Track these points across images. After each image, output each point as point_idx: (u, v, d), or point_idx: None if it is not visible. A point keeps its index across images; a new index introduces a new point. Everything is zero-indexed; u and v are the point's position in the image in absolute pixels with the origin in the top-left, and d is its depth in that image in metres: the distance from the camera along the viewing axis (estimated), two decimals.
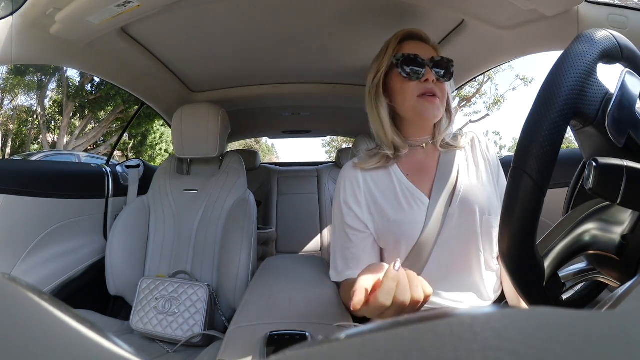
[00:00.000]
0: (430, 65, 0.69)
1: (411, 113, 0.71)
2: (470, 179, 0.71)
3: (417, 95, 0.70)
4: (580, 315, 0.10)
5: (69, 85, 9.92)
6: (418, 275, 0.60)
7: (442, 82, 0.70)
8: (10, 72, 9.34)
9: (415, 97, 0.70)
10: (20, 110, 10.50)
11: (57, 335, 0.11)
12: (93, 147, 10.87)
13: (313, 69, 1.36)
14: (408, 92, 0.70)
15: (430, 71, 0.69)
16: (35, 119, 10.50)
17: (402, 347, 0.09)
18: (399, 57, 0.70)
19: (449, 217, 0.67)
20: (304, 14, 0.95)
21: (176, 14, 0.90)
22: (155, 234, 1.21)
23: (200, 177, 1.28)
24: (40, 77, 9.90)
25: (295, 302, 0.67)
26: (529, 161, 0.32)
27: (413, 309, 0.45)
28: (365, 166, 0.73)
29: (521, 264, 0.34)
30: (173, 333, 0.97)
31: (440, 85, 0.70)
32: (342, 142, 14.42)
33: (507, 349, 0.08)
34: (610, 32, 0.35)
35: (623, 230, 0.36)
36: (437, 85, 0.70)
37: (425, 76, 0.69)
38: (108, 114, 10.29)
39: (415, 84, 0.70)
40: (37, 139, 10.67)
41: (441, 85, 0.70)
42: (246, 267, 1.05)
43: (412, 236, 0.66)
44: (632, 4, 0.71)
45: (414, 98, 0.70)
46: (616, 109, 0.33)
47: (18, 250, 0.98)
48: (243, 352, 0.51)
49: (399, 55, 0.71)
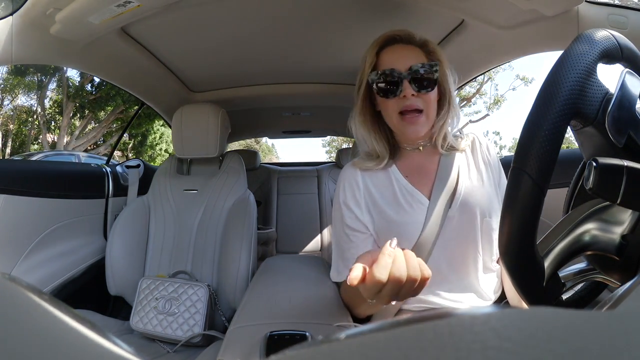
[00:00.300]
0: (408, 78, 0.64)
1: (395, 129, 0.70)
2: (471, 181, 0.71)
3: (398, 112, 0.67)
4: (580, 315, 0.10)
5: (69, 85, 9.92)
6: None
7: (425, 93, 0.66)
8: (10, 72, 9.35)
9: (396, 115, 0.67)
10: (20, 110, 10.50)
11: (57, 335, 0.11)
12: (93, 147, 10.87)
13: (313, 69, 1.36)
14: (389, 109, 0.68)
15: (408, 85, 0.64)
16: (35, 119, 10.50)
17: (402, 347, 0.09)
18: (373, 77, 0.67)
19: (448, 218, 0.67)
20: (303, 13, 0.95)
21: (176, 14, 0.90)
22: (155, 234, 1.21)
23: (200, 177, 1.28)
24: (40, 77, 9.90)
25: (295, 302, 0.67)
26: (529, 161, 0.32)
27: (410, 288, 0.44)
28: (364, 167, 0.73)
29: (521, 264, 0.34)
30: (173, 333, 0.97)
31: (424, 97, 0.66)
32: (342, 142, 14.42)
33: (507, 349, 0.08)
34: (610, 32, 0.35)
35: (623, 230, 0.36)
36: (419, 97, 0.65)
37: (402, 92, 0.65)
38: (108, 114, 10.29)
39: (395, 101, 0.66)
40: (37, 139, 10.67)
41: (425, 96, 0.66)
42: (246, 267, 1.05)
43: (412, 237, 0.66)
44: (632, 4, 0.71)
45: (395, 116, 0.67)
46: (616, 109, 0.33)
47: (18, 250, 0.98)
48: (243, 352, 0.51)
49: (373, 75, 0.67)
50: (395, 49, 0.69)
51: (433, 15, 0.93)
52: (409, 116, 0.66)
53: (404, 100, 0.65)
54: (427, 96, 0.66)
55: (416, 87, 0.65)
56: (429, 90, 0.66)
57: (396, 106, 0.66)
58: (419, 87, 0.65)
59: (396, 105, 0.66)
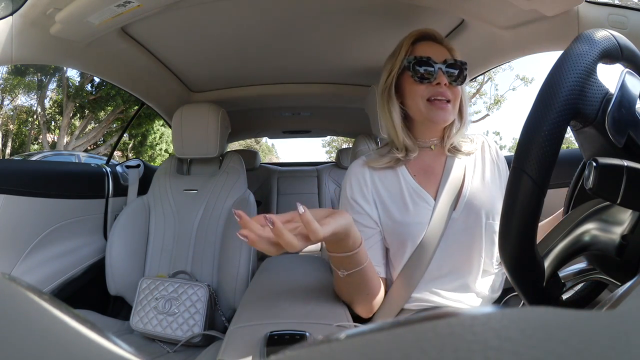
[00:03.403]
0: (442, 68, 0.68)
1: (421, 116, 0.71)
2: (477, 183, 0.71)
3: (426, 99, 0.68)
4: (580, 315, 0.10)
5: (69, 85, 9.92)
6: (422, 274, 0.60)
7: (455, 85, 0.69)
8: (10, 72, 9.34)
9: (424, 101, 0.69)
10: (20, 110, 10.50)
11: (57, 335, 0.11)
12: (93, 147, 10.87)
13: (313, 69, 1.36)
14: (418, 94, 0.69)
15: (442, 74, 0.67)
16: (35, 119, 10.50)
17: (402, 347, 0.09)
18: (410, 59, 0.69)
19: (453, 219, 0.67)
20: (303, 14, 0.95)
21: (176, 14, 0.90)
22: (155, 234, 1.21)
23: (200, 177, 1.28)
24: (40, 77, 9.90)
25: (295, 302, 0.67)
26: (529, 161, 0.32)
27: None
28: (376, 165, 0.73)
29: (521, 264, 0.34)
30: (173, 333, 0.97)
31: (453, 89, 0.68)
32: (342, 142, 14.42)
33: (507, 349, 0.08)
34: (610, 32, 0.35)
35: (623, 230, 0.36)
36: (449, 88, 0.68)
37: (436, 79, 0.67)
38: (108, 114, 10.29)
39: (426, 87, 0.68)
40: (37, 139, 10.67)
41: (453, 89, 0.69)
42: (246, 267, 1.05)
43: (417, 237, 0.66)
44: (632, 4, 0.71)
45: (424, 101, 0.69)
46: (616, 109, 0.33)
47: (18, 250, 0.98)
48: (243, 352, 0.51)
49: (411, 57, 0.69)
50: (430, 44, 0.72)
51: (433, 15, 0.93)
52: (437, 102, 0.68)
53: (437, 87, 0.68)
54: (456, 89, 0.69)
55: (449, 78, 0.68)
56: (459, 84, 0.69)
57: (426, 92, 0.68)
58: (451, 78, 0.68)
59: (426, 91, 0.68)
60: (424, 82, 0.68)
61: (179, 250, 1.18)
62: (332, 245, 0.56)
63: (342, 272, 0.60)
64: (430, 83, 0.68)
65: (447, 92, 0.68)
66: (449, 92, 0.68)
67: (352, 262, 0.58)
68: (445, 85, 0.68)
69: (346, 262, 0.58)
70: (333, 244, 0.56)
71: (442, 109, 0.68)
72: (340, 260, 0.58)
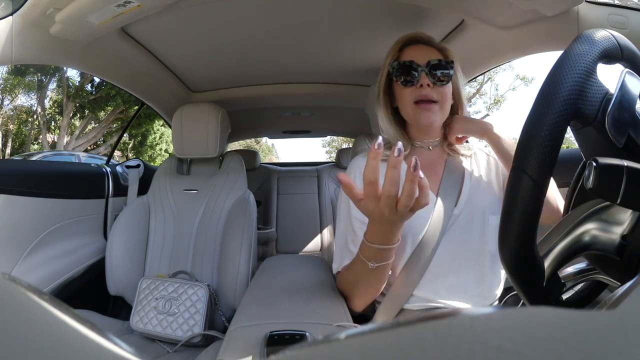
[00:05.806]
0: (425, 69, 0.69)
1: (410, 119, 0.73)
2: (478, 182, 0.72)
3: (413, 102, 0.70)
4: (580, 315, 0.10)
5: (69, 85, 9.92)
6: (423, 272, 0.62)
7: (440, 85, 0.69)
8: (10, 72, 9.34)
9: (411, 104, 0.70)
10: (20, 110, 10.50)
11: (57, 335, 0.11)
12: (93, 147, 10.87)
13: (313, 69, 1.36)
14: (405, 98, 0.71)
15: (425, 76, 0.68)
16: (35, 119, 10.50)
17: (402, 347, 0.09)
18: (394, 64, 0.71)
19: (454, 217, 0.68)
20: (303, 14, 0.95)
21: (176, 14, 0.90)
22: (155, 234, 1.21)
23: (200, 177, 1.28)
24: (40, 77, 9.90)
25: (295, 302, 0.67)
26: (529, 161, 0.32)
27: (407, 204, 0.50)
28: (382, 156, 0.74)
29: (521, 263, 0.34)
30: (173, 333, 0.97)
31: (439, 89, 0.69)
32: (342, 142, 14.42)
33: (507, 349, 0.08)
34: (610, 32, 0.35)
35: (623, 230, 0.36)
36: (434, 89, 0.69)
37: (419, 82, 0.69)
38: (108, 114, 10.29)
39: (411, 90, 0.70)
40: (37, 139, 10.67)
41: (440, 89, 0.70)
42: (246, 267, 1.05)
43: (417, 232, 0.67)
44: (632, 4, 0.71)
45: (411, 105, 0.70)
46: (616, 109, 0.33)
47: (18, 250, 0.98)
48: (243, 352, 0.51)
49: (395, 63, 0.71)
50: (416, 47, 0.73)
51: (433, 15, 0.93)
52: (423, 104, 0.69)
53: (421, 90, 0.69)
54: (442, 89, 0.70)
55: (432, 79, 0.68)
56: (444, 84, 0.70)
57: (413, 95, 0.70)
58: (435, 79, 0.69)
59: (413, 94, 0.70)
60: (408, 85, 0.70)
61: (179, 250, 1.18)
62: (378, 236, 0.56)
63: (372, 264, 0.59)
64: (415, 86, 0.69)
65: (432, 93, 0.69)
66: (434, 93, 0.69)
67: (388, 255, 0.58)
68: (429, 86, 0.69)
69: (382, 254, 0.58)
70: (380, 234, 0.56)
71: (428, 110, 0.69)
72: (376, 252, 0.58)
